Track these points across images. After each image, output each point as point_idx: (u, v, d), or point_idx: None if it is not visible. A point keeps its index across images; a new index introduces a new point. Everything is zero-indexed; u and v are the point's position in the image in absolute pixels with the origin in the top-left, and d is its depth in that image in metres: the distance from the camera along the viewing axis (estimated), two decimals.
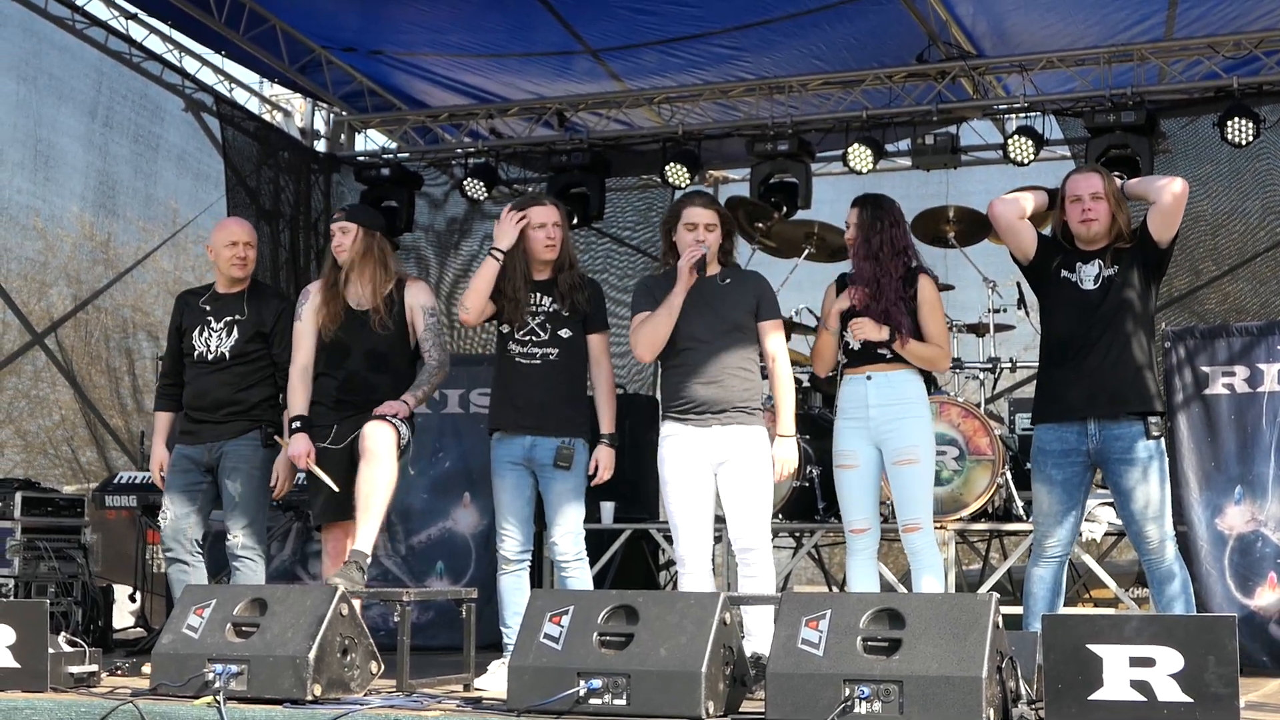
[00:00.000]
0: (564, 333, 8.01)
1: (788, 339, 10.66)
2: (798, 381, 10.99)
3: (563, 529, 7.96)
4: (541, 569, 10.11)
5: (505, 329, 8.07)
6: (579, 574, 8.00)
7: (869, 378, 7.69)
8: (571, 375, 8.04)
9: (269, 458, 8.43)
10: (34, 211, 12.03)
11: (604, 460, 7.98)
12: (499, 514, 8.06)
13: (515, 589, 7.94)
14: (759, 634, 7.23)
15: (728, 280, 7.79)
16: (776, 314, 7.88)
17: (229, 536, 8.36)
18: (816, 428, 10.53)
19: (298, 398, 8.15)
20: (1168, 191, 7.42)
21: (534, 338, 8.01)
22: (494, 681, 7.48)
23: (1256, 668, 8.90)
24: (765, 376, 10.47)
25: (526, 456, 7.98)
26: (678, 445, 7.63)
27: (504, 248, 7.91)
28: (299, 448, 7.99)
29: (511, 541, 8.00)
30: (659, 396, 12.82)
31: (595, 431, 8.11)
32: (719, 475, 7.62)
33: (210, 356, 8.46)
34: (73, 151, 12.38)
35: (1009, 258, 7.92)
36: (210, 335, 8.49)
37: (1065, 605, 7.92)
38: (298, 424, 8.08)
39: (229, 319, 8.51)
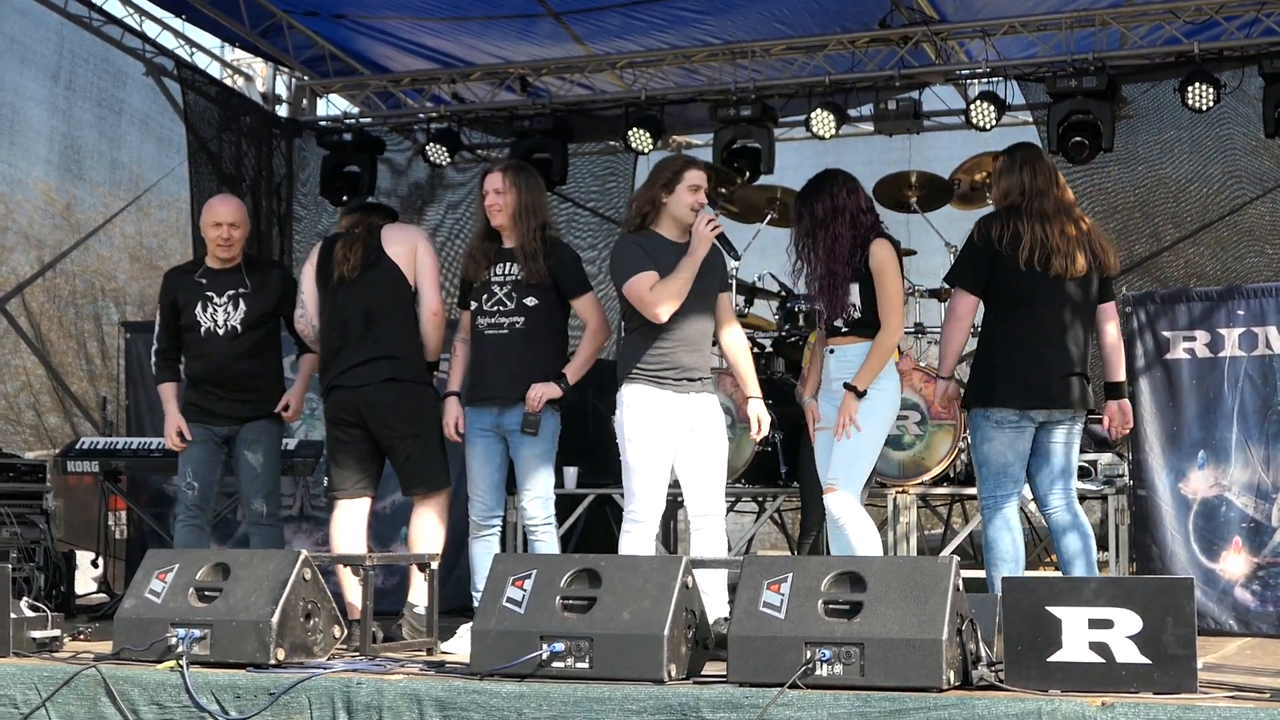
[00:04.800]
0: (529, 301, 8.00)
1: (750, 304, 10.72)
2: (760, 347, 11.01)
3: (531, 494, 7.99)
4: (506, 533, 10.12)
5: (474, 304, 8.09)
6: (547, 539, 8.02)
7: (831, 351, 7.75)
8: (539, 343, 8.02)
9: (282, 431, 8.98)
10: None
11: (539, 389, 7.92)
12: (469, 480, 8.14)
13: (485, 554, 7.94)
14: (712, 593, 7.23)
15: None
16: (728, 285, 8.10)
17: (252, 505, 8.76)
18: (779, 392, 10.53)
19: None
20: None
21: (500, 307, 8.00)
22: (462, 645, 7.49)
23: (1222, 631, 8.94)
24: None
25: (495, 424, 8.02)
26: (655, 409, 7.57)
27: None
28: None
29: (479, 506, 8.08)
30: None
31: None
32: (684, 441, 7.62)
33: (221, 331, 8.69)
34: (37, 115, 12.31)
35: (971, 223, 7.97)
36: (215, 309, 8.70)
37: (1028, 569, 7.99)
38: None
39: (232, 292, 8.73)
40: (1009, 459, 7.64)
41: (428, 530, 8.27)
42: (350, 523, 8.33)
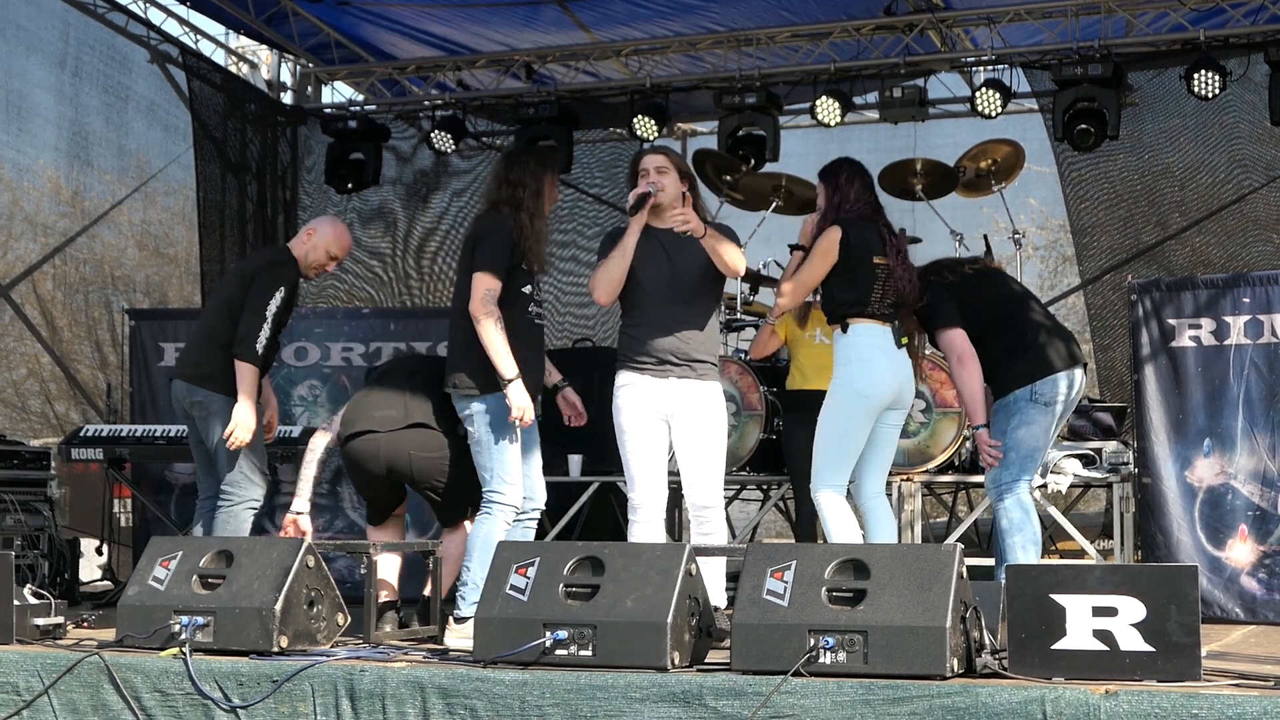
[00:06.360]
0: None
1: (754, 291, 10.68)
2: None
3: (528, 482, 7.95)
4: None
5: (527, 289, 7.83)
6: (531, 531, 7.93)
7: None
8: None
9: None
10: (1, 161, 11.96)
11: (579, 403, 8.13)
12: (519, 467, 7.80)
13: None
14: (710, 583, 7.15)
15: (687, 232, 7.64)
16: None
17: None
18: (782, 379, 10.54)
19: None
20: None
21: (538, 299, 8.01)
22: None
23: (1229, 620, 8.93)
24: (731, 329, 10.48)
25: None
26: (633, 394, 7.56)
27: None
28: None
29: (525, 492, 7.80)
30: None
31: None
32: (673, 428, 7.58)
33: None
34: (44, 102, 12.31)
35: (976, 211, 8.03)
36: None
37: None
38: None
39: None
40: (1042, 442, 7.98)
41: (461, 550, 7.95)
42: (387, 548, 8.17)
